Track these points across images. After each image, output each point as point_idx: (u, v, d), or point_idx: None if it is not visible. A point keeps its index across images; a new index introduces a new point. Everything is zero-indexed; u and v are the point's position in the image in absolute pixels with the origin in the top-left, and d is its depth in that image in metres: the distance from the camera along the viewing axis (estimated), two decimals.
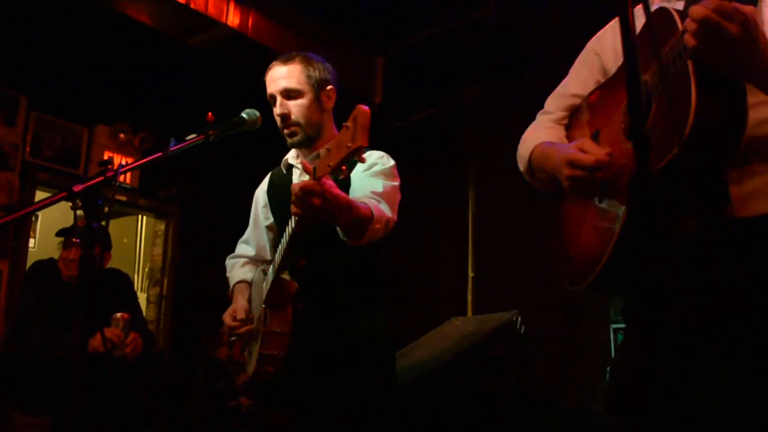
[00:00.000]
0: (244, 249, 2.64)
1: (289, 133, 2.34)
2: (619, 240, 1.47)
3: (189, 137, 1.98)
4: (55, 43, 4.92)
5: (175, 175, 5.67)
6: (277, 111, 2.35)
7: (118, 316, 3.51)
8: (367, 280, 2.37)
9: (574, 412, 3.91)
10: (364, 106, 1.73)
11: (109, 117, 5.26)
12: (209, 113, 2.05)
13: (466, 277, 5.36)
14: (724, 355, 1.41)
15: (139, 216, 6.82)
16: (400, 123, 5.99)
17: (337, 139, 1.76)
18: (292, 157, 2.48)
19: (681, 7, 1.48)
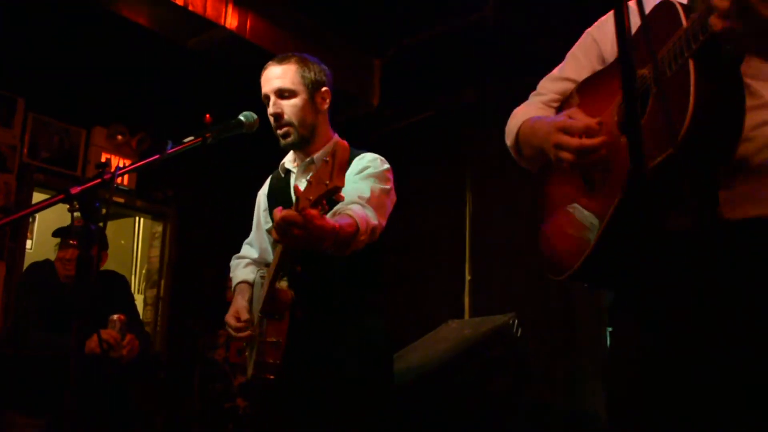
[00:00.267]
0: (248, 251, 2.64)
1: (282, 133, 2.33)
2: (605, 232, 1.46)
3: (186, 140, 1.98)
4: (52, 45, 4.92)
5: (172, 177, 5.67)
6: (270, 110, 2.34)
7: (115, 317, 3.51)
8: (365, 283, 2.36)
9: (570, 414, 3.92)
10: (344, 142, 1.74)
11: (107, 118, 5.26)
12: (207, 115, 2.05)
13: (463, 279, 5.37)
14: (710, 352, 1.41)
15: (137, 218, 6.82)
16: (398, 125, 6.00)
17: (318, 174, 1.78)
18: (289, 160, 2.48)
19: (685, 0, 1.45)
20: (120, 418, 3.66)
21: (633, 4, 1.73)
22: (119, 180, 1.89)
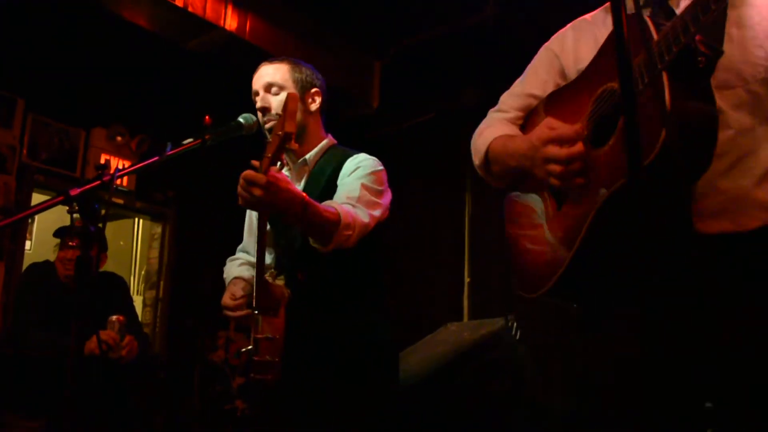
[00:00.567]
0: (243, 256, 2.62)
1: (269, 128, 2.28)
2: (581, 247, 1.45)
3: (185, 141, 1.99)
4: (52, 46, 4.92)
5: (171, 178, 5.67)
6: (258, 104, 2.32)
7: (114, 318, 3.52)
8: (367, 283, 2.35)
9: (569, 417, 3.92)
10: (294, 93, 1.83)
11: (107, 119, 5.26)
12: (207, 116, 2.05)
13: (462, 281, 5.37)
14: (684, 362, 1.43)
15: (136, 219, 6.81)
16: (397, 126, 6.00)
17: (273, 131, 1.87)
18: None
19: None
20: (119, 419, 3.66)
21: (595, 14, 1.76)
22: (118, 181, 1.88)
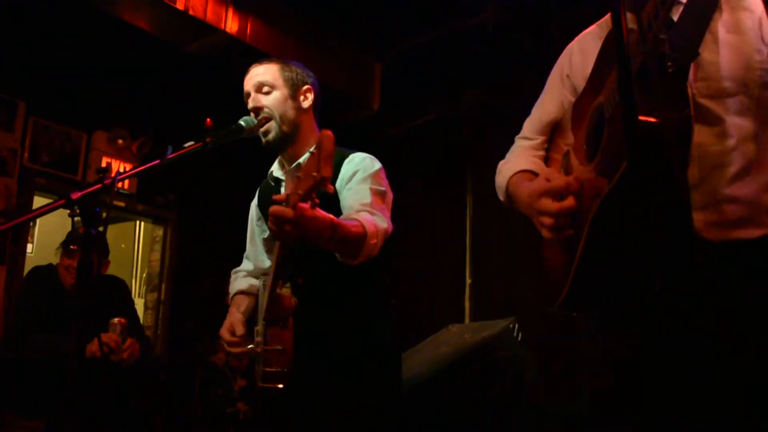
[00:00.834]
0: (245, 264, 2.63)
1: (264, 131, 2.28)
2: (581, 262, 1.49)
3: (186, 144, 1.99)
4: (53, 49, 4.93)
5: (173, 182, 5.67)
6: (250, 105, 2.32)
7: (116, 321, 3.51)
8: (367, 287, 2.33)
9: (570, 418, 3.91)
10: (329, 132, 1.69)
11: (108, 122, 5.27)
12: (207, 119, 2.05)
13: (463, 283, 5.36)
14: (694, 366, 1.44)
15: (137, 222, 6.82)
16: (398, 128, 6.01)
17: (306, 167, 1.72)
18: (277, 168, 2.44)
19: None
20: (120, 421, 3.66)
21: (595, 28, 1.79)
22: (120, 184, 1.89)
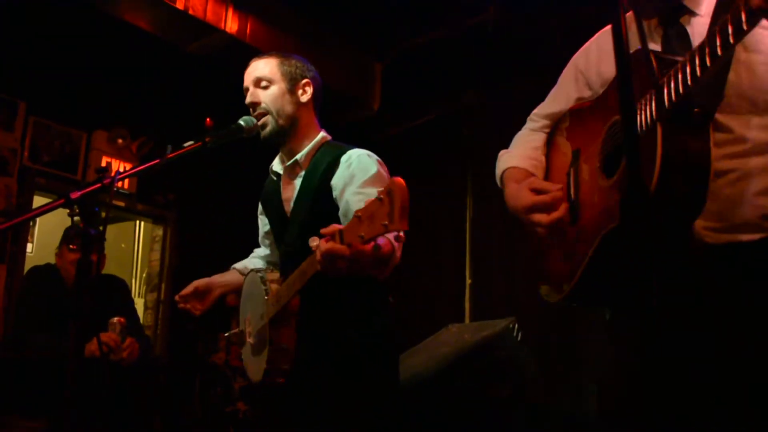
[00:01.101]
0: (258, 252, 2.70)
1: (261, 124, 2.28)
2: (593, 259, 1.52)
3: (186, 144, 1.99)
4: (53, 48, 4.93)
5: (173, 181, 5.67)
6: (247, 100, 2.32)
7: (115, 320, 3.52)
8: (366, 284, 2.32)
9: (570, 418, 3.91)
10: (400, 180, 1.57)
11: (108, 122, 5.26)
12: (207, 119, 2.05)
13: (463, 283, 5.36)
14: (703, 365, 1.47)
15: (137, 221, 6.82)
16: (398, 129, 6.00)
17: (370, 209, 1.64)
18: (277, 163, 2.45)
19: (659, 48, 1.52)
20: (120, 420, 3.66)
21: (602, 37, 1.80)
22: (120, 183, 1.88)
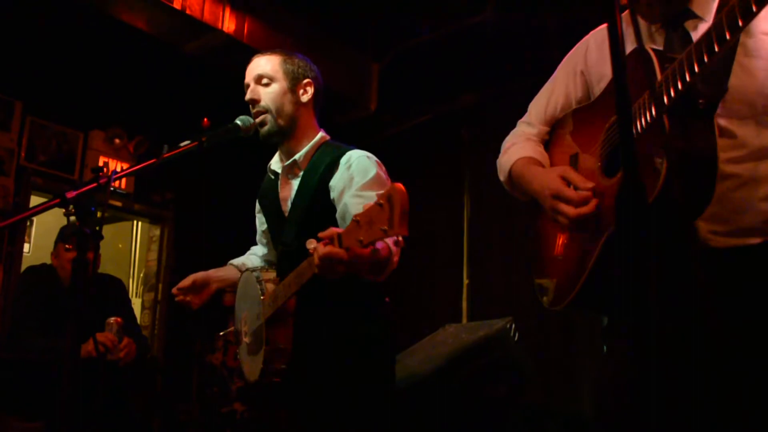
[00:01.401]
0: (255, 249, 2.68)
1: (259, 122, 2.27)
2: (597, 262, 1.51)
3: (182, 144, 1.99)
4: (50, 48, 4.92)
5: (170, 181, 5.67)
6: (247, 96, 2.31)
7: (112, 320, 3.51)
8: (363, 287, 2.32)
9: (567, 418, 3.91)
10: (400, 185, 1.56)
11: (104, 122, 5.26)
12: (204, 118, 2.05)
13: (461, 283, 5.36)
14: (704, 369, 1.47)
15: (134, 221, 6.81)
16: (396, 129, 6.00)
17: (369, 214, 1.63)
18: (275, 161, 2.44)
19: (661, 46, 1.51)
20: (117, 420, 3.65)
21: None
22: (117, 183, 1.89)
